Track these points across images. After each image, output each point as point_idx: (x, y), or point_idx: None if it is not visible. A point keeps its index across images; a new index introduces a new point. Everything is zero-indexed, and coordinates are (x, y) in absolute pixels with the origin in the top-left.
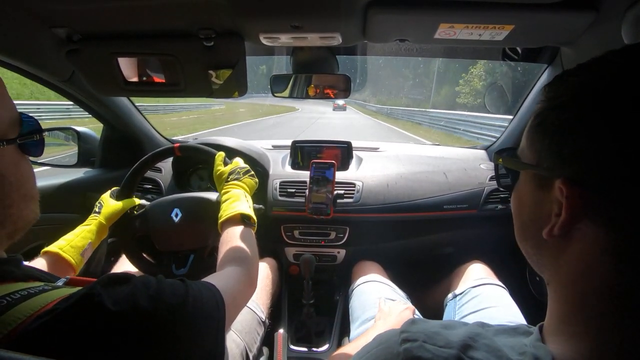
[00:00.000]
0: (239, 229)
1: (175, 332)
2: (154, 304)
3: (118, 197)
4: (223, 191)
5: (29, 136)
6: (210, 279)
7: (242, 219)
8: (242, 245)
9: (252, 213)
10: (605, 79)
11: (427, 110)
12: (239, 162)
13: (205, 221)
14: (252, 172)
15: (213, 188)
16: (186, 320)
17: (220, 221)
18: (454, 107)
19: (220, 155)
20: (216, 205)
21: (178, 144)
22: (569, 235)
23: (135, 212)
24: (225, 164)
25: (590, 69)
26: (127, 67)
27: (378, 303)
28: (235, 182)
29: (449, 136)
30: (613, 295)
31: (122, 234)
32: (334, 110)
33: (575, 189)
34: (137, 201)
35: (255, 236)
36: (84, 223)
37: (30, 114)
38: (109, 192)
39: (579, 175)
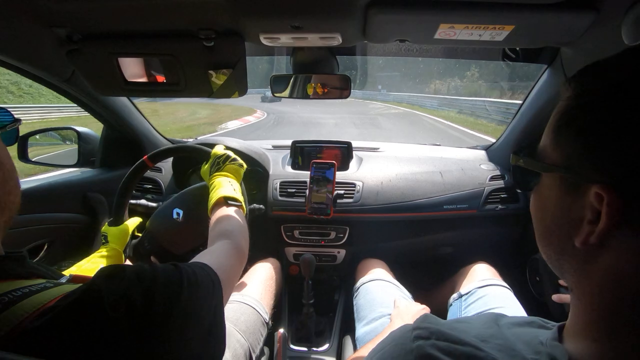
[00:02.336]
0: (223, 209)
1: (172, 321)
2: (149, 298)
3: (116, 223)
4: (210, 185)
5: (13, 124)
6: (200, 257)
7: (226, 201)
8: (228, 220)
9: (235, 194)
10: (637, 75)
11: None
12: (217, 151)
13: (206, 207)
14: (233, 157)
15: None
16: (183, 307)
17: (209, 211)
18: None
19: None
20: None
21: (146, 156)
22: (603, 243)
23: (137, 234)
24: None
25: (619, 65)
26: (127, 67)
27: (387, 302)
28: (217, 172)
29: None
30: None
31: (138, 260)
32: (262, 101)
33: (616, 194)
34: (136, 221)
35: (255, 234)
36: (97, 252)
37: None
38: (105, 224)
39: (618, 181)
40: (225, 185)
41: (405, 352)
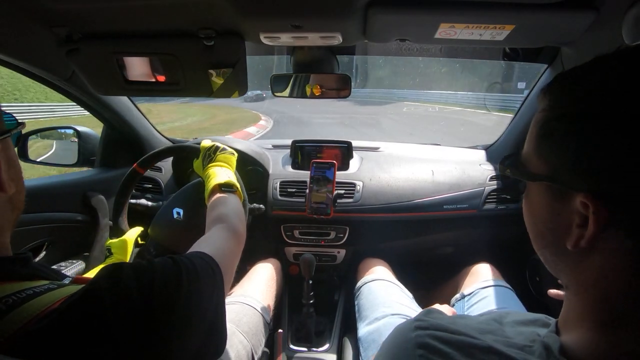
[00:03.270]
0: (218, 196)
1: (173, 316)
2: (148, 295)
3: (117, 234)
4: (204, 177)
5: (20, 127)
6: (197, 246)
7: (220, 188)
8: (222, 205)
9: (229, 180)
10: (609, 84)
11: None
12: (205, 144)
13: (204, 202)
14: (222, 147)
15: None
16: (183, 301)
17: (206, 201)
18: None
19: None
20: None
21: (136, 164)
22: (593, 245)
23: (140, 242)
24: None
25: (589, 75)
26: (127, 67)
27: (390, 302)
28: (210, 164)
29: None
30: (634, 296)
31: None
32: (245, 102)
33: (600, 202)
34: (137, 230)
35: (256, 234)
36: (101, 264)
37: None
38: (108, 238)
39: (602, 189)
40: (219, 174)
41: (405, 340)
